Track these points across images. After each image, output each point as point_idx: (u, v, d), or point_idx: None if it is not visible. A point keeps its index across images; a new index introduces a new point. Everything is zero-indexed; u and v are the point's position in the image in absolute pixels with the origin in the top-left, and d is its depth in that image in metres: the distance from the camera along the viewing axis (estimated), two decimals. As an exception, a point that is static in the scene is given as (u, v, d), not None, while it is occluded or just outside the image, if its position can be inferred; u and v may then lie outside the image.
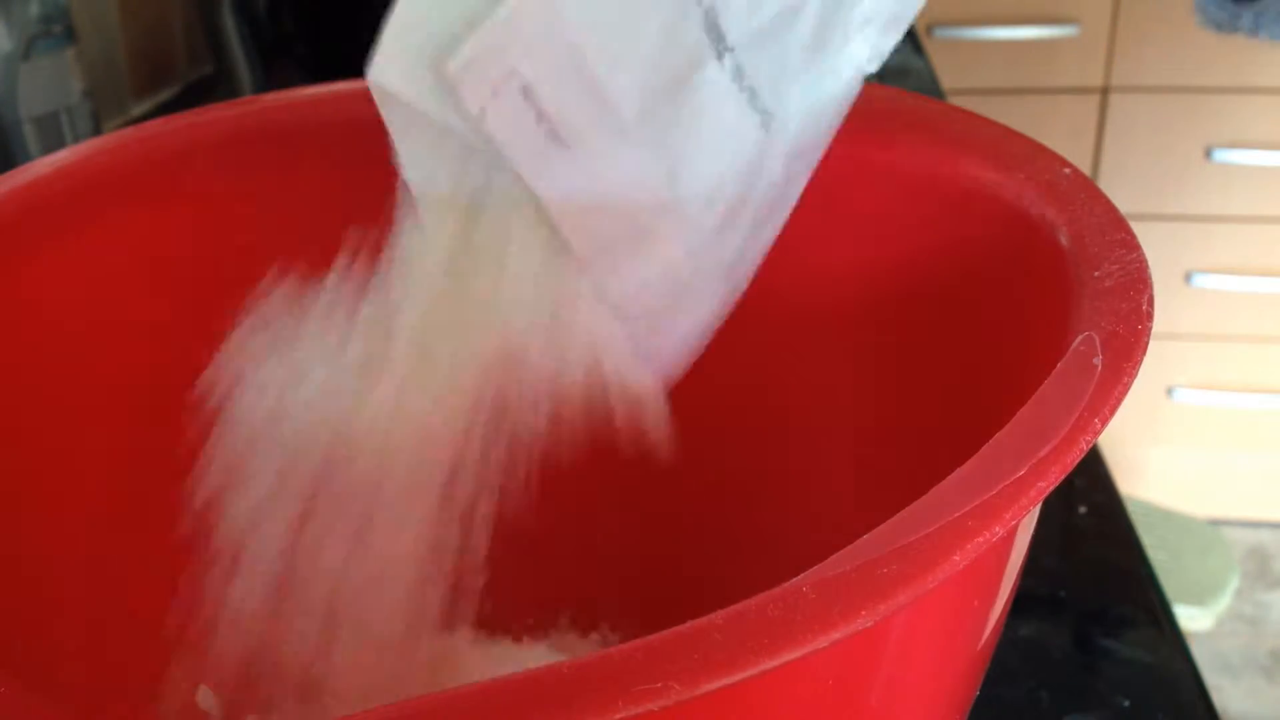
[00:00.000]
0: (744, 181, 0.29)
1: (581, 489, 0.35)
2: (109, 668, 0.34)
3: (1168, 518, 1.41)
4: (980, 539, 0.18)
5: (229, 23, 0.73)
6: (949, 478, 0.20)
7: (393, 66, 0.24)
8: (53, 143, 0.59)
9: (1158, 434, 1.55)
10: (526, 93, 0.24)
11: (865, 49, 0.29)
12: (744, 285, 0.31)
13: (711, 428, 0.40)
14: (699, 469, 0.41)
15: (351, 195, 0.38)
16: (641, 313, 0.30)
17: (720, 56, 0.27)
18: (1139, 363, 0.22)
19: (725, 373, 0.39)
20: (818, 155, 0.31)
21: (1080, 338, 0.23)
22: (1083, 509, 0.47)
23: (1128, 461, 1.56)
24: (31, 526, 0.33)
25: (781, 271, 0.37)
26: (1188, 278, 1.47)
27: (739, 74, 0.27)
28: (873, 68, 0.30)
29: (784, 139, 0.29)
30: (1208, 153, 1.41)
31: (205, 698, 0.36)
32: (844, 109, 0.30)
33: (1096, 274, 0.25)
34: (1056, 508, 0.47)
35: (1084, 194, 0.29)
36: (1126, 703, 0.38)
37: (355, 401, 0.30)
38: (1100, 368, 0.22)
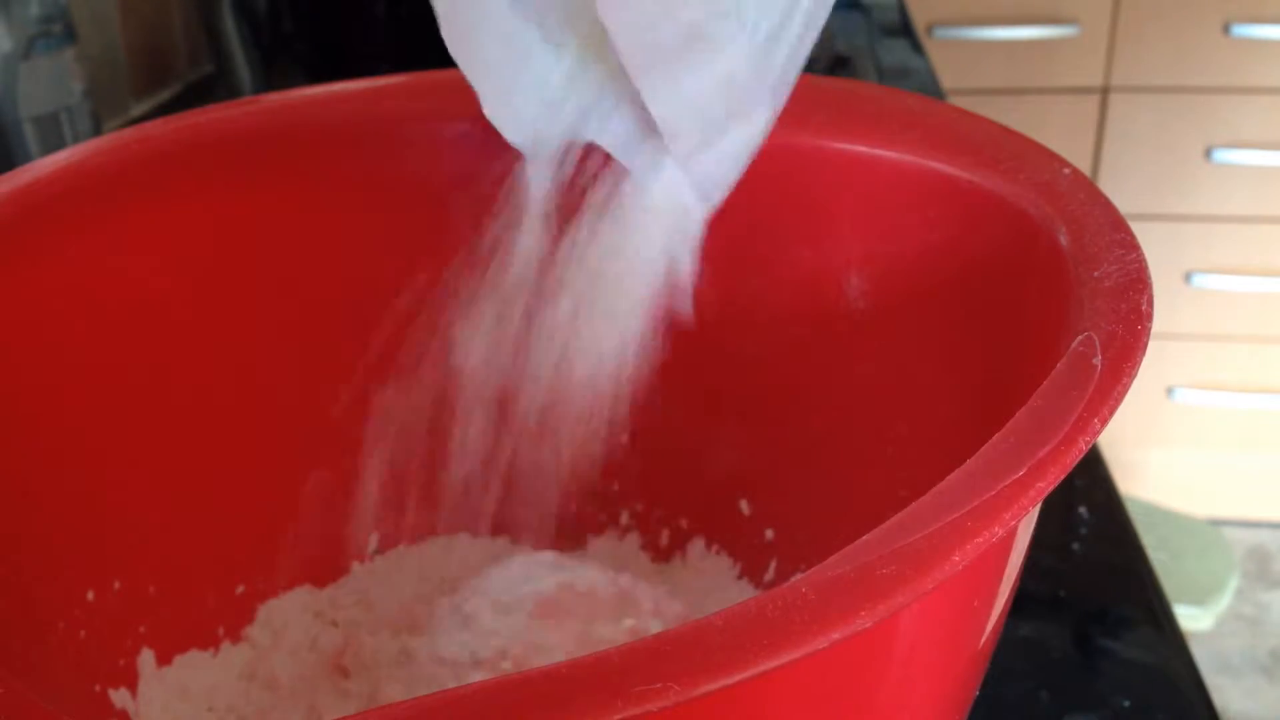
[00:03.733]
0: None
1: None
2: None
3: (1168, 518, 1.41)
4: (979, 539, 0.18)
5: (229, 23, 0.73)
6: (948, 478, 0.20)
7: None
8: (53, 143, 0.59)
9: (1158, 434, 1.55)
10: None
11: None
12: (783, 104, 0.31)
13: (710, 423, 0.40)
14: (700, 463, 0.41)
15: (350, 194, 0.39)
16: (694, 128, 0.30)
17: None
18: (1138, 363, 0.22)
19: (724, 370, 0.39)
20: None
21: (1080, 338, 0.23)
22: (1083, 509, 0.47)
23: (1128, 461, 1.56)
24: (30, 526, 0.33)
25: (781, 271, 0.37)
26: (1188, 278, 1.47)
27: None
28: None
29: None
30: (1208, 153, 1.41)
31: None
32: None
33: (1096, 274, 0.25)
34: (1056, 508, 0.47)
35: (1084, 194, 0.29)
36: (1126, 703, 0.38)
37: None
38: (1100, 368, 0.22)
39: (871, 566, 0.18)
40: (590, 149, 0.33)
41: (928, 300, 0.34)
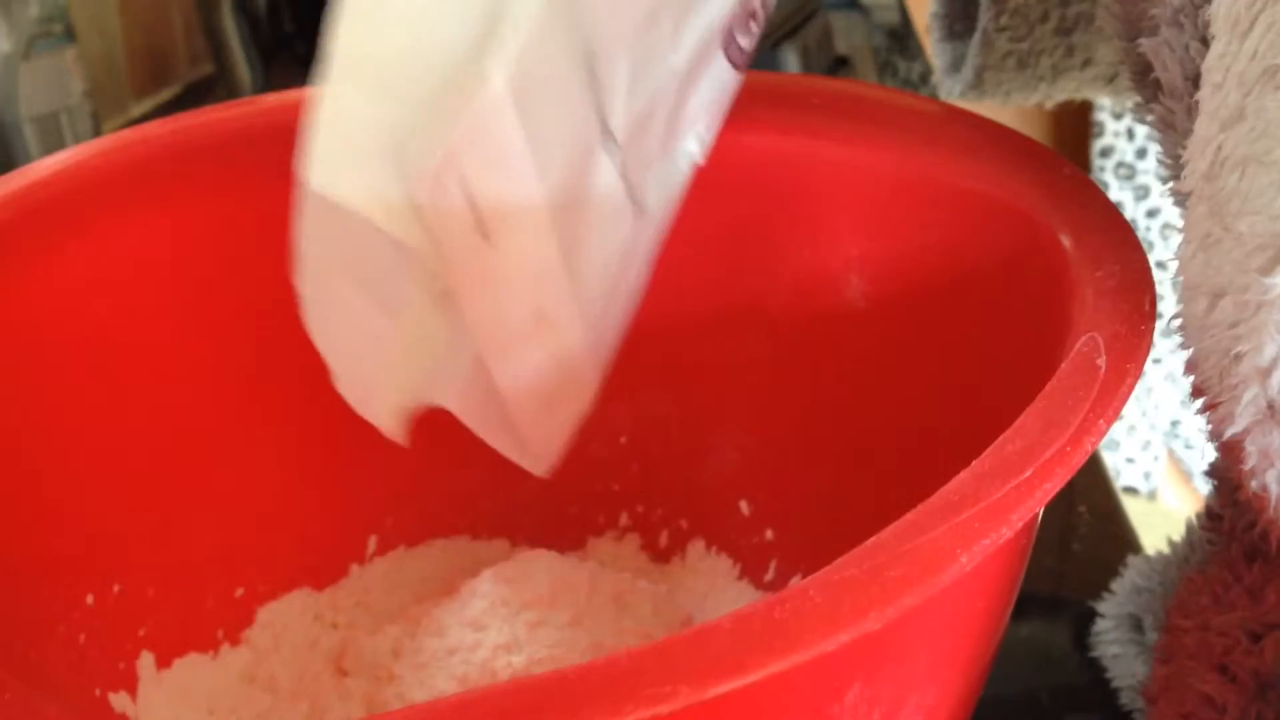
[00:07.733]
0: (621, 269, 0.31)
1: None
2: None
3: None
4: (986, 540, 0.18)
5: (229, 23, 0.73)
6: (955, 480, 0.20)
7: (340, 172, 0.27)
8: (53, 143, 0.58)
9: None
10: (463, 184, 0.26)
11: (695, 143, 0.32)
12: (605, 370, 0.33)
13: (710, 423, 0.40)
14: (700, 463, 0.41)
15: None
16: (528, 401, 0.31)
17: (610, 152, 0.28)
18: (1143, 363, 0.22)
19: (724, 370, 0.39)
20: (660, 239, 0.33)
21: (1083, 339, 0.23)
22: (1083, 509, 0.47)
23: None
24: (29, 530, 0.33)
25: (781, 271, 0.37)
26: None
27: (623, 167, 0.29)
28: (700, 159, 0.32)
29: (648, 225, 0.31)
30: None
31: None
32: (680, 195, 0.32)
33: (1098, 274, 0.25)
34: (1056, 508, 0.47)
35: (1085, 194, 0.29)
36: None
37: None
38: (1104, 368, 0.22)
39: (879, 568, 0.18)
40: None
41: (928, 301, 0.34)
